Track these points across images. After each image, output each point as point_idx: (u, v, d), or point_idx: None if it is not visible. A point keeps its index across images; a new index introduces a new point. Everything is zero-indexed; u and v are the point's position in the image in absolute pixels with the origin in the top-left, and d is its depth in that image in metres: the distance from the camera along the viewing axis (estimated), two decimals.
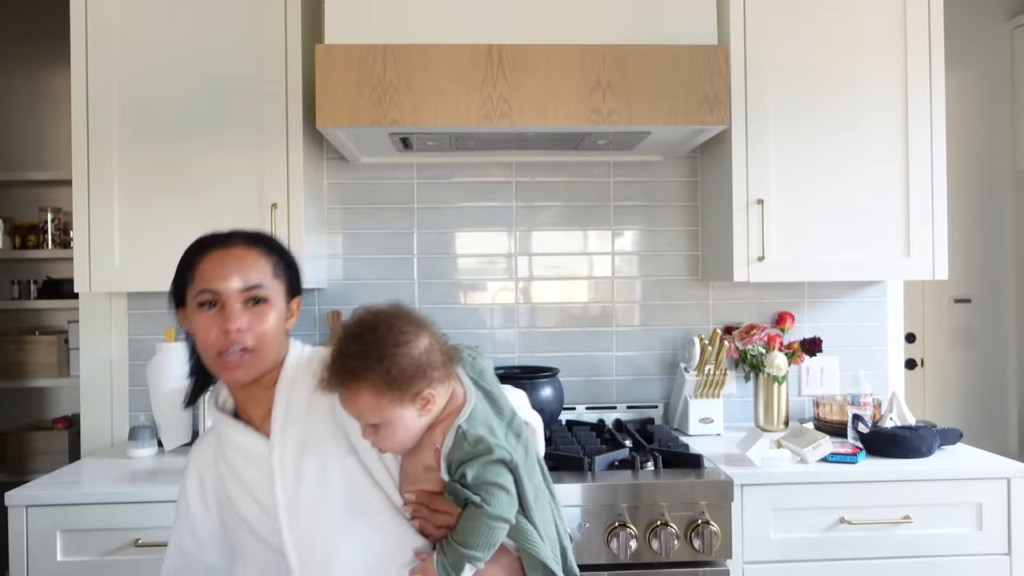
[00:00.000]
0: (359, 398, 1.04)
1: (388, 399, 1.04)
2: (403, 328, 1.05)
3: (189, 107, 2.10)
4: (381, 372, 1.02)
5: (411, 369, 1.03)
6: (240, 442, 1.18)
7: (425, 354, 1.05)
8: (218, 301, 1.14)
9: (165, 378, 2.26)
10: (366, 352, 1.03)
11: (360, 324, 1.06)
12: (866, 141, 2.18)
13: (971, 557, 1.92)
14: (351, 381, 1.04)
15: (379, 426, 1.05)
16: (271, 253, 1.20)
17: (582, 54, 1.98)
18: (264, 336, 1.15)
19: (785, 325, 2.47)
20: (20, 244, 3.29)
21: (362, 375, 1.03)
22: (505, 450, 1.06)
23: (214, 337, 1.13)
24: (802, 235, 2.18)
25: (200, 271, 1.16)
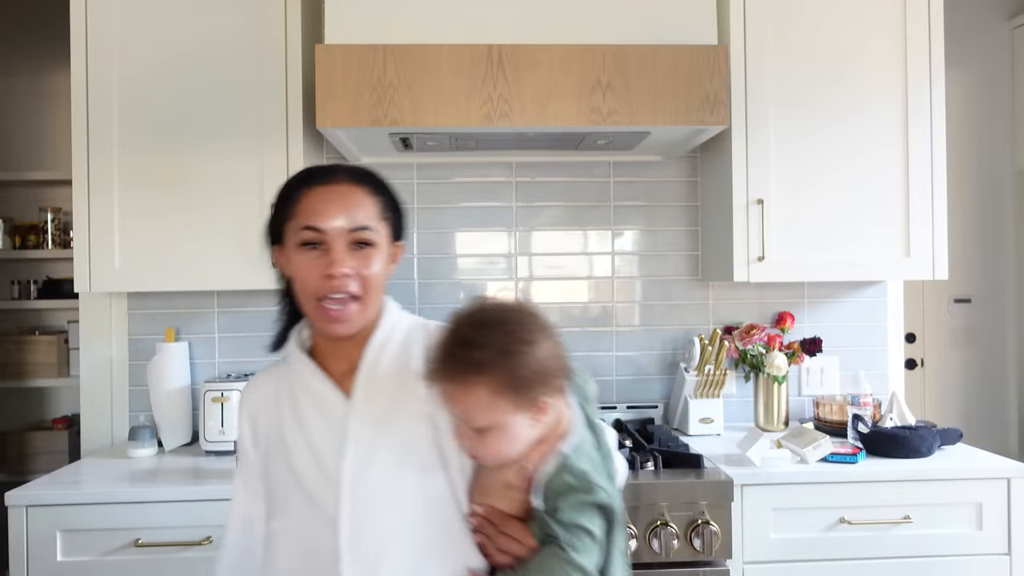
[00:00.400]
0: (473, 394, 0.94)
1: (506, 400, 0.94)
2: (534, 326, 0.96)
3: (189, 107, 2.10)
4: (507, 369, 0.92)
5: (537, 372, 0.94)
6: (315, 388, 1.09)
7: (551, 359, 0.96)
8: (322, 241, 1.04)
9: (165, 378, 2.26)
10: (494, 344, 0.93)
11: (488, 313, 0.97)
12: (866, 140, 2.18)
13: (971, 557, 1.92)
14: (471, 374, 0.93)
15: (486, 431, 0.95)
16: (378, 192, 1.11)
17: (582, 54, 1.98)
18: (369, 282, 1.06)
19: (785, 325, 2.47)
20: (20, 244, 3.29)
21: (485, 369, 0.93)
22: (607, 493, 0.95)
23: (315, 280, 1.04)
24: (802, 235, 2.18)
25: (302, 206, 1.06)
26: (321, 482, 1.04)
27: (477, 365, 0.93)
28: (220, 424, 2.14)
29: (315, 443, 1.06)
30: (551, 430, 0.99)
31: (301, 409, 1.09)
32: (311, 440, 1.06)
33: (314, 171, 1.12)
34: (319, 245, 1.05)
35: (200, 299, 2.42)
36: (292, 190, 1.10)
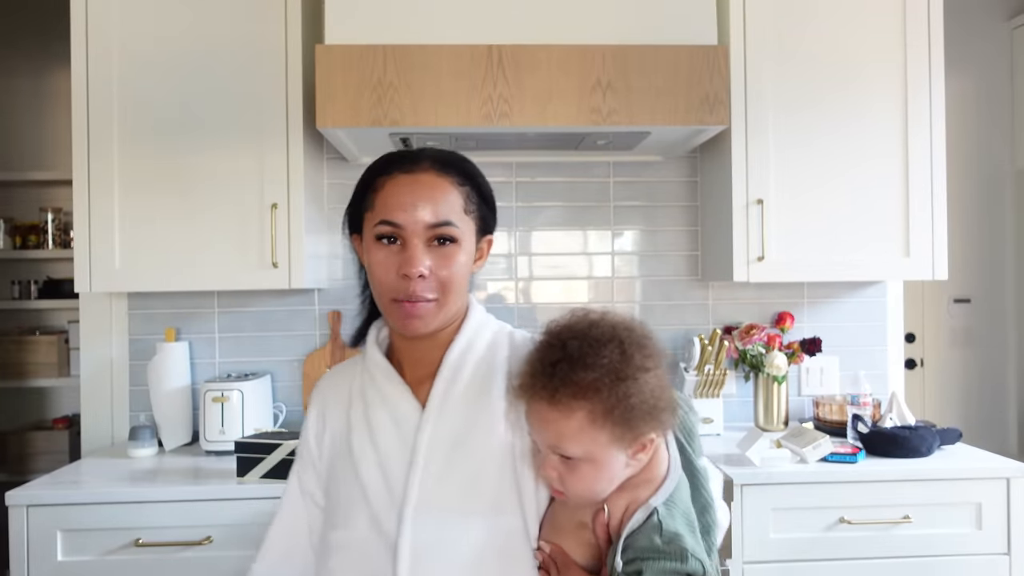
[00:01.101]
0: (574, 419, 0.82)
1: (608, 431, 0.82)
2: (650, 351, 0.85)
3: (189, 107, 2.10)
4: (616, 395, 0.81)
5: (648, 403, 0.82)
6: (389, 392, 1.01)
7: (663, 390, 0.84)
8: (399, 236, 0.96)
9: (165, 378, 2.26)
10: (607, 366, 0.82)
11: (601, 329, 0.85)
12: (866, 140, 2.18)
13: (971, 557, 1.93)
14: (571, 398, 0.82)
15: (577, 462, 0.84)
16: (464, 182, 1.01)
17: (582, 54, 1.98)
18: (449, 283, 0.97)
19: (785, 325, 2.47)
20: (20, 244, 3.29)
21: (588, 393, 0.81)
22: (700, 563, 0.82)
23: (391, 279, 0.96)
24: (802, 235, 2.18)
25: (381, 197, 0.98)
26: (386, 498, 0.96)
27: (584, 387, 0.81)
28: (220, 424, 2.14)
29: (384, 454, 0.98)
30: (642, 472, 0.88)
31: (373, 413, 1.01)
32: (380, 449, 0.99)
33: (396, 157, 1.02)
34: (396, 240, 0.97)
35: (200, 299, 2.42)
36: (372, 176, 1.01)
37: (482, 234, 1.05)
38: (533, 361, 0.86)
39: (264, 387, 2.33)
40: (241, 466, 1.91)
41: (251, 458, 1.90)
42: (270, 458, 1.89)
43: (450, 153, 1.03)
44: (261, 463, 1.89)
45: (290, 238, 2.10)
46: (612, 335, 0.85)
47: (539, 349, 0.87)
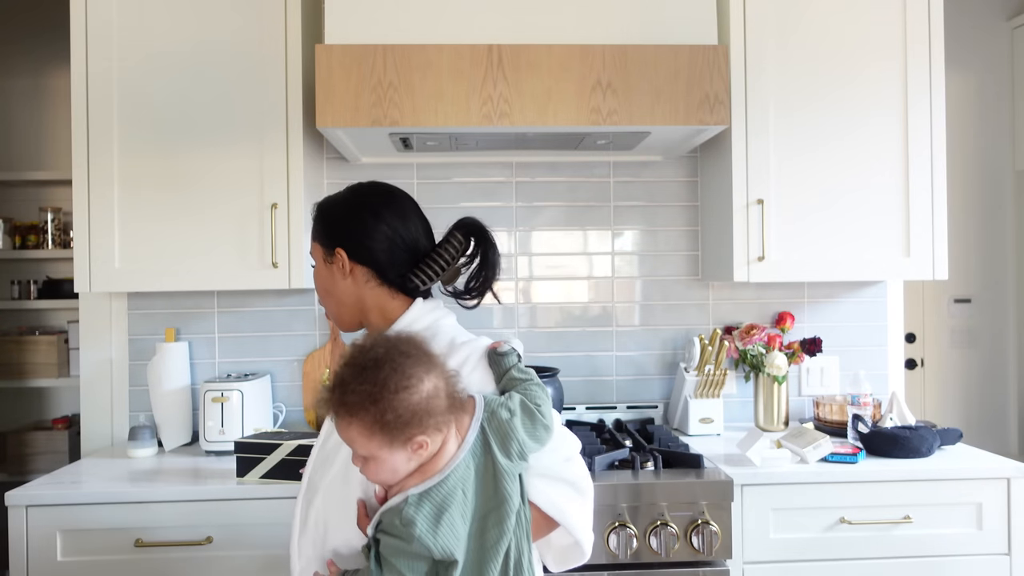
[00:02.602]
0: (349, 431, 1.02)
1: (378, 440, 1.00)
2: (409, 371, 1.00)
3: (189, 107, 2.10)
4: (375, 414, 0.99)
5: (407, 415, 0.99)
6: None
7: (426, 400, 1.00)
8: None
9: (165, 378, 2.26)
10: (364, 391, 0.99)
11: (366, 358, 1.02)
12: (866, 141, 2.18)
13: (971, 557, 1.92)
14: (345, 414, 1.01)
15: (367, 459, 1.03)
16: (313, 216, 1.28)
17: (582, 54, 1.98)
18: (318, 294, 1.28)
19: (785, 325, 2.47)
20: (20, 244, 3.29)
21: (356, 413, 1.00)
22: (430, 549, 0.99)
23: None
24: (802, 235, 2.18)
25: None
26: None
27: (349, 408, 1.00)
28: (220, 424, 2.14)
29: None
30: (429, 463, 1.04)
31: None
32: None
33: None
34: None
35: (200, 299, 2.42)
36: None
37: (328, 251, 1.24)
38: (328, 380, 1.09)
39: (264, 387, 2.33)
40: (241, 466, 1.90)
41: (251, 458, 1.90)
42: (270, 458, 1.88)
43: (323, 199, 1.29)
44: (261, 463, 1.89)
45: (290, 238, 2.10)
46: (377, 361, 1.01)
47: (332, 372, 1.05)
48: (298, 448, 1.88)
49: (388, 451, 1.01)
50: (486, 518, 1.04)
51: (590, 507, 1.14)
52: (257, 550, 1.83)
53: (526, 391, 1.11)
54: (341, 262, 1.22)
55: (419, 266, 1.23)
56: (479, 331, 2.61)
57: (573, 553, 1.16)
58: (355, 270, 1.21)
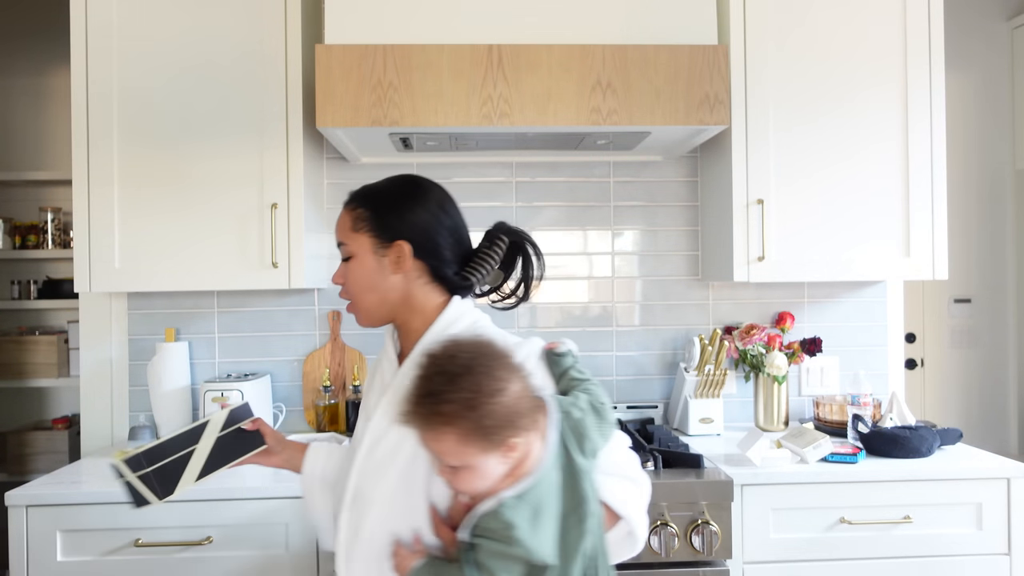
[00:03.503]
0: (443, 442, 0.98)
1: (473, 448, 0.98)
2: (498, 374, 0.99)
3: (189, 107, 2.10)
4: (475, 420, 0.96)
5: (503, 419, 0.97)
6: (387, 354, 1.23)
7: (516, 402, 0.99)
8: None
9: (165, 378, 2.26)
10: (462, 399, 0.97)
11: (455, 364, 0.99)
12: (866, 141, 2.18)
13: (971, 557, 1.93)
14: (439, 425, 0.98)
15: (459, 469, 1.00)
16: (357, 206, 1.19)
17: (582, 54, 1.98)
18: (350, 289, 1.20)
19: (785, 325, 2.47)
20: (20, 244, 3.28)
21: (453, 422, 0.97)
22: (526, 551, 0.98)
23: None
24: (802, 235, 2.18)
25: None
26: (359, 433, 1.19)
27: (445, 417, 0.97)
28: None
29: (368, 403, 1.22)
30: (518, 467, 1.02)
31: (381, 368, 1.23)
32: (368, 400, 1.22)
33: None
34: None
35: (200, 299, 2.42)
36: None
37: (388, 241, 1.17)
38: (410, 394, 1.01)
39: (264, 387, 2.33)
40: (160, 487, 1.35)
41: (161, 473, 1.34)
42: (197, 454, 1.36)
43: (365, 185, 1.22)
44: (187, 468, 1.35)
45: (290, 238, 2.10)
46: (466, 365, 0.99)
47: (414, 382, 1.01)
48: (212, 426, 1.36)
49: (483, 457, 0.98)
50: (567, 518, 1.03)
51: (647, 499, 1.16)
52: (257, 550, 1.84)
53: (588, 391, 1.11)
54: (398, 255, 1.16)
55: (471, 264, 1.22)
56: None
57: (626, 544, 1.16)
58: (411, 265, 1.17)
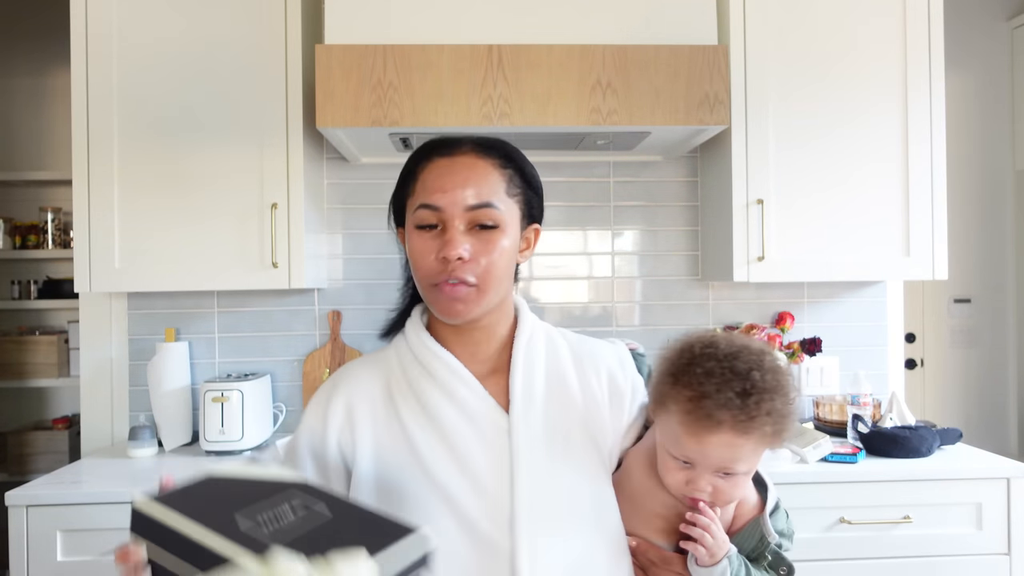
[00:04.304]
0: (750, 443, 0.89)
1: (763, 452, 0.92)
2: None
3: (189, 107, 2.10)
4: (788, 422, 0.90)
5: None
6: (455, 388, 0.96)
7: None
8: (439, 221, 0.94)
9: (165, 378, 2.26)
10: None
11: (768, 357, 0.91)
12: (866, 141, 2.18)
13: (971, 557, 1.92)
14: (762, 425, 0.88)
15: (738, 476, 0.92)
16: (507, 165, 0.98)
17: (582, 54, 1.98)
18: (490, 269, 0.93)
19: (785, 325, 2.47)
20: (20, 244, 3.29)
21: (777, 421, 0.89)
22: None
23: (431, 264, 0.93)
24: (802, 235, 2.18)
25: (421, 182, 0.96)
26: (480, 505, 0.90)
27: (776, 415, 0.89)
28: (220, 424, 2.14)
29: (465, 455, 0.93)
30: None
31: (439, 410, 0.95)
32: (458, 451, 0.93)
33: (437, 142, 0.99)
34: (436, 226, 0.94)
35: (200, 299, 2.42)
36: (413, 165, 0.99)
37: (528, 221, 1.01)
38: (706, 389, 0.88)
39: (264, 387, 2.33)
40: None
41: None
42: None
43: (493, 138, 1.00)
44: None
45: (290, 238, 2.10)
46: (780, 369, 0.91)
47: (708, 377, 0.89)
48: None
49: (758, 463, 0.93)
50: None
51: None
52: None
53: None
54: (530, 242, 1.03)
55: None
56: None
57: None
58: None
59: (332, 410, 0.99)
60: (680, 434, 0.91)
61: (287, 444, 1.02)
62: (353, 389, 1.00)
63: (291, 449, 1.01)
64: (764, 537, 0.97)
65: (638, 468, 0.99)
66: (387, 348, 1.05)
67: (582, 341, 1.07)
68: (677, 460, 0.93)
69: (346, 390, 1.00)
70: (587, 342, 1.07)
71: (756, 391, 0.88)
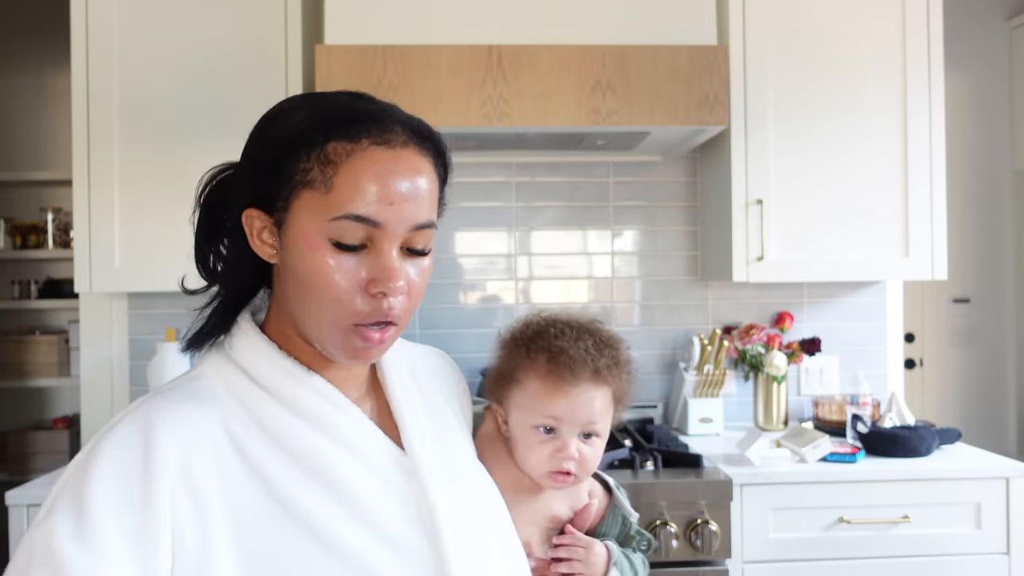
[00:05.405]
0: (606, 395, 0.94)
1: (611, 415, 0.96)
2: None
3: (189, 107, 2.10)
4: (626, 383, 0.95)
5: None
6: (347, 431, 0.74)
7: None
8: (368, 241, 0.70)
9: (165, 378, 2.26)
10: (627, 356, 0.96)
11: (606, 330, 0.97)
12: (865, 141, 2.19)
13: (970, 556, 1.93)
14: (609, 372, 0.93)
15: (595, 440, 0.95)
16: (439, 163, 0.77)
17: (582, 54, 1.98)
18: (414, 304, 0.75)
19: (784, 325, 2.47)
20: (21, 244, 3.29)
21: (620, 372, 0.94)
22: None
23: (351, 298, 0.70)
24: (801, 235, 2.18)
25: (347, 178, 0.69)
26: (397, 564, 0.71)
27: (620, 364, 0.94)
28: None
29: (370, 511, 0.72)
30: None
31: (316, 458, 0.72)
32: (360, 506, 0.71)
33: (360, 113, 0.72)
34: (363, 245, 0.71)
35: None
36: (323, 138, 0.70)
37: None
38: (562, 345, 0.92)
39: None
40: None
41: None
42: None
43: (417, 119, 0.77)
44: None
45: None
46: (616, 337, 0.97)
47: (560, 336, 0.93)
48: None
49: (607, 429, 0.96)
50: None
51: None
52: None
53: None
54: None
55: None
56: (480, 331, 2.60)
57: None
58: None
59: (159, 468, 0.65)
60: (541, 396, 0.91)
61: (43, 544, 0.61)
62: (182, 440, 0.67)
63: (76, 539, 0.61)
64: (625, 518, 1.00)
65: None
66: (198, 378, 0.75)
67: (406, 345, 0.93)
68: (538, 432, 0.92)
69: (172, 441, 0.67)
70: (410, 346, 0.94)
71: (607, 344, 0.94)
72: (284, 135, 0.72)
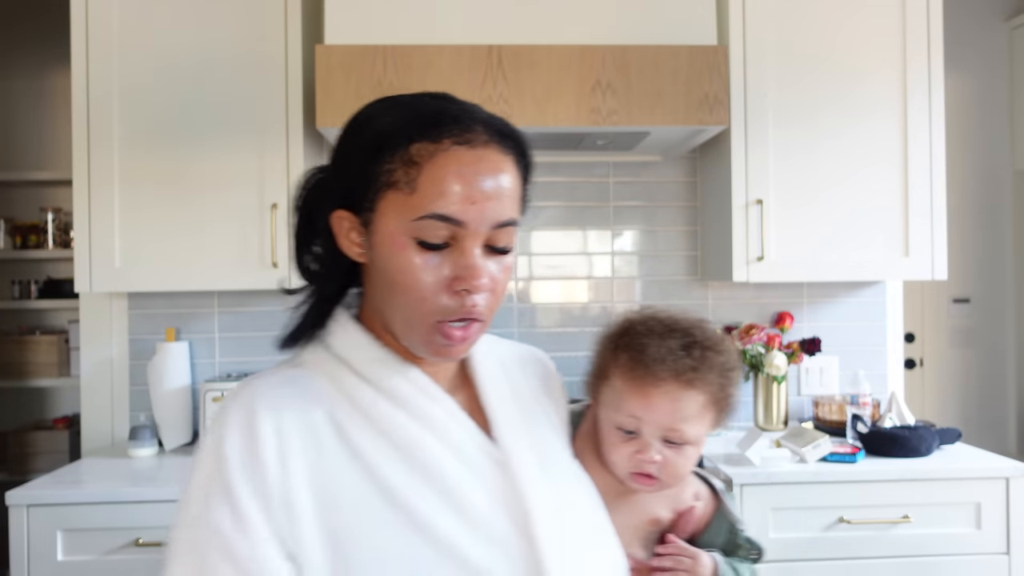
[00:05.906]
0: (695, 400, 0.87)
1: (711, 419, 0.90)
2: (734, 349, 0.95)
3: (189, 107, 2.10)
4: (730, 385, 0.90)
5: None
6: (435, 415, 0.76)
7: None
8: (452, 239, 0.73)
9: (165, 378, 2.26)
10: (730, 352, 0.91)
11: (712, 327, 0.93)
12: (865, 141, 2.19)
13: (970, 556, 1.93)
14: (703, 377, 0.87)
15: (684, 447, 0.89)
16: (522, 161, 0.80)
17: (582, 54, 1.98)
18: (499, 302, 0.77)
19: (784, 325, 2.47)
20: (21, 244, 3.29)
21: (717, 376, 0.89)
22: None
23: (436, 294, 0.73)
24: (801, 235, 2.18)
25: (430, 178, 0.72)
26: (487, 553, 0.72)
27: (716, 368, 0.88)
28: None
29: (461, 498, 0.74)
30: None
31: (412, 445, 0.75)
32: (453, 494, 0.73)
33: (442, 116, 0.74)
34: (446, 244, 0.73)
35: (200, 299, 2.42)
36: (406, 139, 0.73)
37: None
38: (645, 343, 0.88)
39: None
40: None
41: None
42: None
43: (501, 120, 0.80)
44: None
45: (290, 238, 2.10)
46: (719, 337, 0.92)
47: (647, 334, 0.89)
48: None
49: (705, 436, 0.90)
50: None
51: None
52: None
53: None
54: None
55: None
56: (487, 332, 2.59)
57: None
58: None
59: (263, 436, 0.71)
60: (623, 394, 0.88)
61: (217, 541, 0.69)
62: (280, 414, 0.73)
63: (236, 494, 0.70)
64: (733, 525, 0.95)
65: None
66: (297, 366, 0.81)
67: (498, 342, 0.94)
68: (620, 432, 0.89)
69: (271, 414, 0.72)
70: (503, 343, 0.95)
71: (698, 345, 0.88)
72: (369, 138, 0.75)
